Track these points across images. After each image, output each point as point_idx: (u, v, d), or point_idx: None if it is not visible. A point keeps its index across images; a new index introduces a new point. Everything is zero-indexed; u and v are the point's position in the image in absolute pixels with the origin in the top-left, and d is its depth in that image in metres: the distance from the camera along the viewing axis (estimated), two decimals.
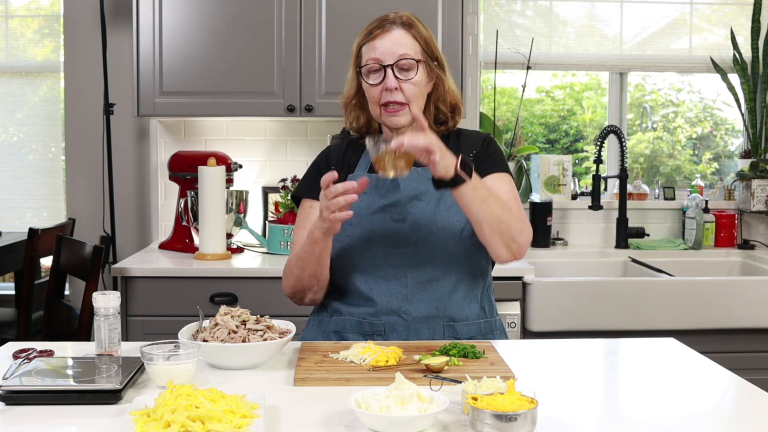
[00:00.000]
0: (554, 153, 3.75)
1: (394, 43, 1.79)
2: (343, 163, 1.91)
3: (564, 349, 1.76)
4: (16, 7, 3.68)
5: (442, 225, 1.78)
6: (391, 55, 1.78)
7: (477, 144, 1.89)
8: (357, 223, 1.79)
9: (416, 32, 1.81)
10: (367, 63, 1.81)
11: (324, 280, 1.82)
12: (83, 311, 2.48)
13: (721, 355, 2.05)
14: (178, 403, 1.18)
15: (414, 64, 1.79)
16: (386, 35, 1.80)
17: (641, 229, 3.42)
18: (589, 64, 3.63)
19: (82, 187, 3.54)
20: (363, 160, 1.89)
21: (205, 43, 3.04)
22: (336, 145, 1.98)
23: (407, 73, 1.79)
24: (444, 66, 1.87)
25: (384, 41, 1.79)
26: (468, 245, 1.80)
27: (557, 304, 2.76)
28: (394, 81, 1.78)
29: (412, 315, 1.78)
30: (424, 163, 1.62)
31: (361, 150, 1.91)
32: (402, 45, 1.79)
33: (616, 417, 1.37)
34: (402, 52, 1.78)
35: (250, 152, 3.44)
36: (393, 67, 1.78)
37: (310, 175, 1.96)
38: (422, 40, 1.82)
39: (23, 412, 1.31)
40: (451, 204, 1.80)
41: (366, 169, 1.87)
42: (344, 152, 1.94)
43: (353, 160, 1.91)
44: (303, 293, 1.85)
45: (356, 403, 1.25)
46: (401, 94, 1.78)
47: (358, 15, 3.04)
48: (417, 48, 1.81)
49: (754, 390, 1.48)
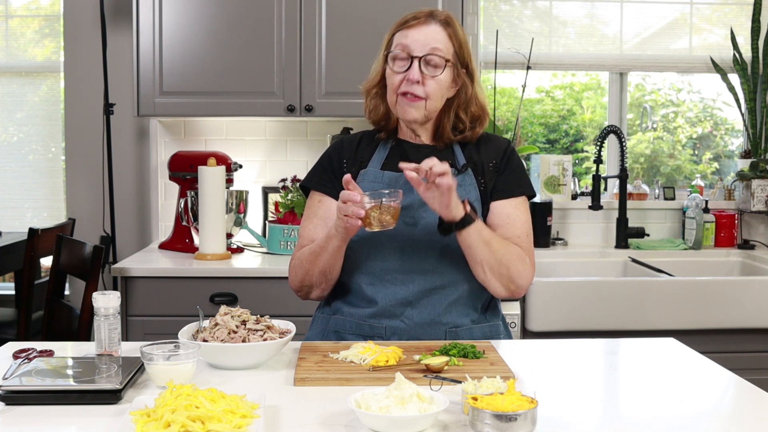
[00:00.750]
0: (554, 153, 3.75)
1: (428, 36, 1.75)
2: (356, 157, 1.88)
3: (564, 349, 1.76)
4: (16, 7, 3.68)
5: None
6: (422, 47, 1.74)
7: (497, 153, 1.86)
8: None
9: (453, 32, 1.78)
10: (396, 49, 1.77)
11: (333, 278, 1.80)
12: (83, 311, 2.48)
13: (721, 355, 2.05)
14: (178, 403, 1.18)
15: (442, 63, 1.75)
16: (422, 27, 1.76)
17: (641, 229, 3.42)
18: (589, 64, 3.63)
19: (82, 187, 3.54)
20: (376, 156, 1.86)
21: (205, 43, 3.04)
22: (350, 138, 1.93)
23: (434, 69, 1.75)
24: (474, 75, 1.83)
25: (418, 32, 1.76)
26: None
27: (557, 304, 2.76)
28: (418, 74, 1.74)
29: (414, 320, 1.77)
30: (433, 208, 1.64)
31: (375, 145, 1.88)
32: (436, 40, 1.75)
33: (616, 417, 1.37)
34: (433, 46, 1.74)
35: (250, 152, 3.44)
36: (421, 59, 1.74)
37: (320, 166, 1.91)
38: (457, 42, 1.78)
39: (23, 412, 1.31)
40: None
41: (379, 165, 1.84)
42: (357, 146, 1.90)
43: (366, 155, 1.87)
44: (310, 289, 1.83)
45: (356, 403, 1.25)
46: (422, 88, 1.75)
47: (358, 15, 3.05)
48: (450, 48, 1.77)
49: (754, 390, 1.48)
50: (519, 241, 1.80)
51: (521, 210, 1.84)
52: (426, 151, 1.83)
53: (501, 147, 1.88)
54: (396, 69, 1.77)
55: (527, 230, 1.83)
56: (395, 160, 1.82)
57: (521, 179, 1.87)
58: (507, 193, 1.83)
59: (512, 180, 1.84)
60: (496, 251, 1.71)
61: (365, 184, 1.81)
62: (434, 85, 1.76)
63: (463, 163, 1.83)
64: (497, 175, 1.84)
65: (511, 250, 1.75)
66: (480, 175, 1.83)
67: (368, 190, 1.79)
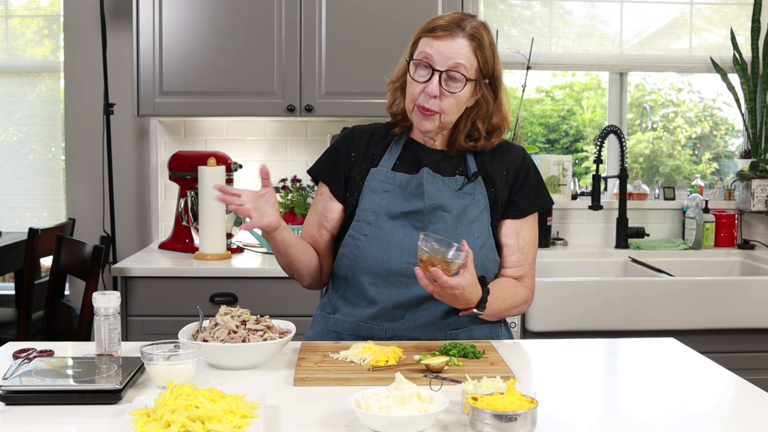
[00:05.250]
0: (554, 153, 3.75)
1: (453, 51, 1.71)
2: (366, 152, 1.85)
3: (564, 349, 1.76)
4: (16, 7, 3.68)
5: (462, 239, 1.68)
6: (445, 61, 1.71)
7: (512, 163, 1.85)
8: (375, 222, 1.77)
9: (478, 46, 1.73)
10: (419, 57, 1.74)
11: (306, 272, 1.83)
12: (83, 311, 2.48)
13: (721, 355, 2.05)
14: (178, 403, 1.18)
15: (463, 79, 1.72)
16: (449, 40, 1.72)
17: (641, 229, 3.42)
18: (589, 64, 3.63)
19: (82, 187, 3.54)
20: (388, 155, 1.84)
21: (205, 43, 3.04)
22: (360, 130, 1.90)
23: (454, 84, 1.72)
24: (498, 86, 1.79)
25: (444, 44, 1.71)
26: (485, 262, 1.78)
27: (557, 304, 2.76)
28: (437, 89, 1.71)
29: (414, 323, 1.76)
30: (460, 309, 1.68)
31: (387, 142, 1.86)
32: (460, 55, 1.71)
33: (616, 417, 1.36)
34: (457, 62, 1.71)
35: (250, 152, 3.44)
36: (442, 74, 1.72)
37: (327, 156, 1.90)
38: (482, 57, 1.74)
39: (23, 412, 1.31)
40: (474, 219, 1.78)
41: (390, 165, 1.82)
42: (368, 141, 1.87)
43: (377, 152, 1.85)
44: (298, 280, 1.89)
45: (356, 403, 1.25)
46: (438, 103, 1.72)
47: (358, 15, 3.05)
48: (474, 63, 1.73)
49: (754, 390, 1.48)
50: (526, 272, 1.85)
51: (533, 230, 1.87)
52: (437, 156, 1.83)
53: (517, 157, 1.86)
54: (417, 78, 1.74)
55: (534, 252, 1.87)
56: (407, 162, 1.82)
57: (539, 194, 1.86)
58: (523, 212, 1.84)
59: (530, 197, 1.85)
60: (504, 309, 1.78)
61: (375, 183, 1.80)
62: (451, 101, 1.73)
63: (474, 170, 1.82)
64: (512, 188, 1.83)
65: (518, 299, 1.82)
66: (490, 183, 1.82)
67: (378, 190, 1.78)
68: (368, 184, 1.81)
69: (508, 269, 1.84)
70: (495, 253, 1.81)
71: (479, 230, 1.77)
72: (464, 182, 1.79)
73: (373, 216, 1.77)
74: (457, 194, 1.78)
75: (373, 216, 1.77)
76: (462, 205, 1.77)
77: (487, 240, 1.78)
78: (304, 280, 1.87)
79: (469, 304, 1.65)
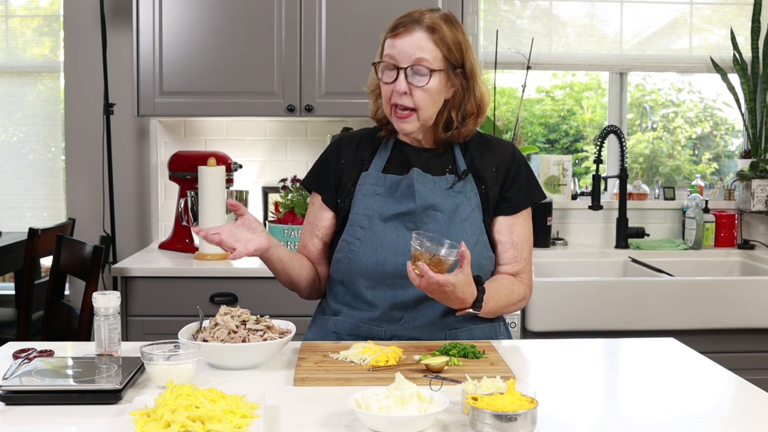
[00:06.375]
0: (554, 153, 3.75)
1: (413, 46, 1.71)
2: (356, 158, 1.85)
3: (564, 349, 1.76)
4: (16, 7, 3.68)
5: (456, 238, 1.70)
6: (407, 57, 1.71)
7: (502, 159, 1.84)
8: (369, 226, 1.77)
9: (439, 37, 1.72)
10: (384, 60, 1.75)
11: (305, 287, 1.85)
12: (83, 311, 2.48)
13: (721, 355, 2.05)
14: (178, 403, 1.18)
15: (428, 72, 1.71)
16: (407, 36, 1.72)
17: (641, 229, 3.42)
18: (589, 64, 3.63)
19: (82, 187, 3.54)
20: (377, 158, 1.84)
21: (205, 43, 3.04)
22: (348, 137, 1.90)
23: (420, 78, 1.71)
24: (472, 72, 1.77)
25: (403, 42, 1.72)
26: (480, 259, 1.77)
27: (557, 304, 2.76)
28: (405, 85, 1.71)
29: (413, 324, 1.76)
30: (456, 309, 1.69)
31: (376, 147, 1.86)
32: (421, 49, 1.71)
33: (616, 417, 1.36)
34: (418, 57, 1.71)
35: (250, 152, 3.44)
36: (406, 70, 1.71)
37: (318, 166, 1.91)
38: (445, 46, 1.72)
39: (23, 412, 1.31)
40: (466, 217, 1.78)
41: (380, 168, 1.82)
42: (357, 146, 1.87)
43: (366, 156, 1.85)
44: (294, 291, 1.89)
45: (356, 403, 1.25)
46: (410, 99, 1.72)
47: (358, 15, 3.05)
48: (437, 54, 1.72)
49: (754, 390, 1.48)
50: (522, 267, 1.84)
51: (527, 225, 1.86)
52: (426, 155, 1.82)
53: (506, 153, 1.85)
54: (385, 80, 1.75)
55: (530, 248, 1.86)
56: (397, 163, 1.82)
57: (530, 189, 1.86)
58: (515, 208, 1.83)
59: (521, 193, 1.84)
60: (501, 307, 1.77)
61: (366, 187, 1.80)
62: (422, 95, 1.72)
63: (464, 168, 1.82)
64: (503, 184, 1.83)
65: (515, 296, 1.81)
66: (481, 180, 1.82)
67: (370, 193, 1.78)
68: (360, 188, 1.81)
69: (504, 266, 1.83)
70: (489, 250, 1.80)
71: (472, 228, 1.77)
72: (455, 180, 1.79)
73: (366, 219, 1.77)
74: (448, 193, 1.78)
75: (366, 219, 1.77)
76: (453, 204, 1.77)
77: (481, 237, 1.78)
78: (304, 293, 1.89)
79: (464, 304, 1.65)
